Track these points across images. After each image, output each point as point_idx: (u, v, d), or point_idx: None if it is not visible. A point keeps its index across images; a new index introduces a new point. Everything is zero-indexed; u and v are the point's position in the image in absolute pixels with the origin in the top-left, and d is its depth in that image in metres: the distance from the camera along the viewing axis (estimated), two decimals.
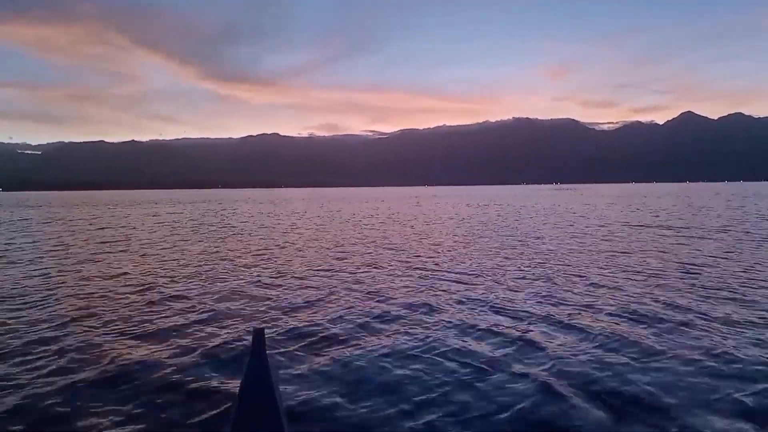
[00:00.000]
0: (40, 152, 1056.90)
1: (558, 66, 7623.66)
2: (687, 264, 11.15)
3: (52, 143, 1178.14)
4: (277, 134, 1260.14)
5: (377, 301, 8.25)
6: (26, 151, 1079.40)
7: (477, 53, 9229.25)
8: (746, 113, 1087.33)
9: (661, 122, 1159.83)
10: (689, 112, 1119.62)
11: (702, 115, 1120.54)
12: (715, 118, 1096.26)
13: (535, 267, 11.25)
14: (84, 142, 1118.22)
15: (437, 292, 8.80)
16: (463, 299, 8.23)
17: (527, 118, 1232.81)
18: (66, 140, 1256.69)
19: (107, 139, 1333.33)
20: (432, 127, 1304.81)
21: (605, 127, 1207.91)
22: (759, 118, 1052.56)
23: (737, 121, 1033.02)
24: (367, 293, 8.87)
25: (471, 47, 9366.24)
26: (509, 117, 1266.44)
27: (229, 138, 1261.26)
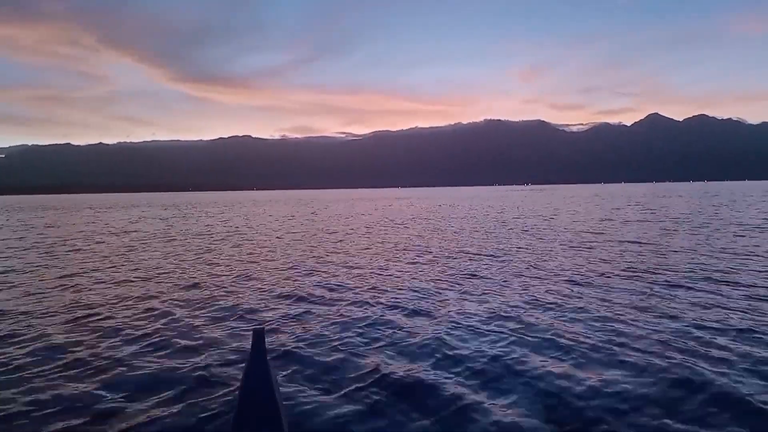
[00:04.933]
0: (3, 155, 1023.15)
1: (528, 69, 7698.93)
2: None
3: (16, 146, 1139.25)
4: (249, 136, 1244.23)
5: (377, 300, 8.29)
6: None
7: (450, 55, 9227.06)
8: (710, 115, 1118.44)
9: (628, 123, 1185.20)
10: (656, 113, 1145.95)
11: (668, 116, 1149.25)
12: (681, 119, 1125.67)
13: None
14: (50, 145, 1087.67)
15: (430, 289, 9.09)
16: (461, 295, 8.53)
17: (498, 119, 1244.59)
18: (30, 143, 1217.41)
19: (74, 142, 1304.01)
20: (405, 128, 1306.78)
21: (575, 128, 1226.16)
22: (722, 119, 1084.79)
23: (701, 122, 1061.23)
24: (367, 291, 8.98)
25: (444, 49, 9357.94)
26: (481, 119, 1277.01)
27: (200, 140, 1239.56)
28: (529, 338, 5.95)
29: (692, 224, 20.90)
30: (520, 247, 14.66)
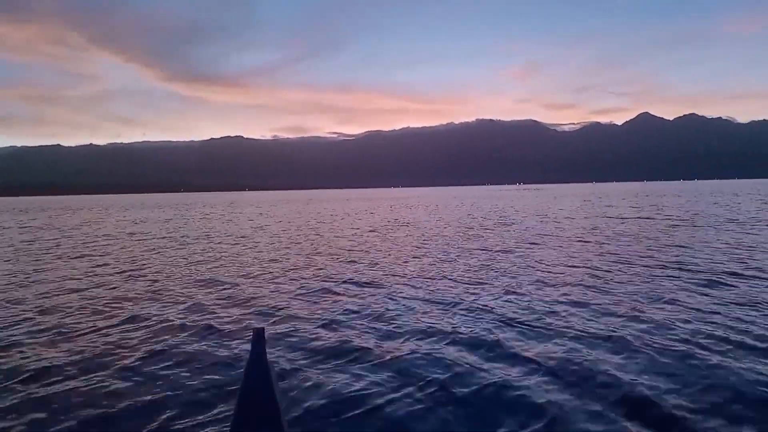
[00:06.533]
0: None
1: (520, 68, 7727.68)
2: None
3: (4, 147, 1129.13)
4: (241, 136, 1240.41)
5: (376, 298, 8.35)
6: None
7: (443, 54, 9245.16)
8: (699, 114, 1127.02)
9: (619, 123, 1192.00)
10: (646, 113, 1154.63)
11: (658, 116, 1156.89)
12: (671, 119, 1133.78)
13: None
14: (39, 146, 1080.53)
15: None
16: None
17: (491, 119, 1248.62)
18: (19, 144, 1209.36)
19: (64, 143, 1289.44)
20: (398, 128, 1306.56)
21: (566, 128, 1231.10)
22: (711, 118, 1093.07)
23: (691, 122, 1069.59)
24: (365, 291, 8.99)
25: (437, 48, 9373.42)
26: (473, 118, 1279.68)
27: (192, 140, 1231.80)
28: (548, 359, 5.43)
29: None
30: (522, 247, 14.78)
